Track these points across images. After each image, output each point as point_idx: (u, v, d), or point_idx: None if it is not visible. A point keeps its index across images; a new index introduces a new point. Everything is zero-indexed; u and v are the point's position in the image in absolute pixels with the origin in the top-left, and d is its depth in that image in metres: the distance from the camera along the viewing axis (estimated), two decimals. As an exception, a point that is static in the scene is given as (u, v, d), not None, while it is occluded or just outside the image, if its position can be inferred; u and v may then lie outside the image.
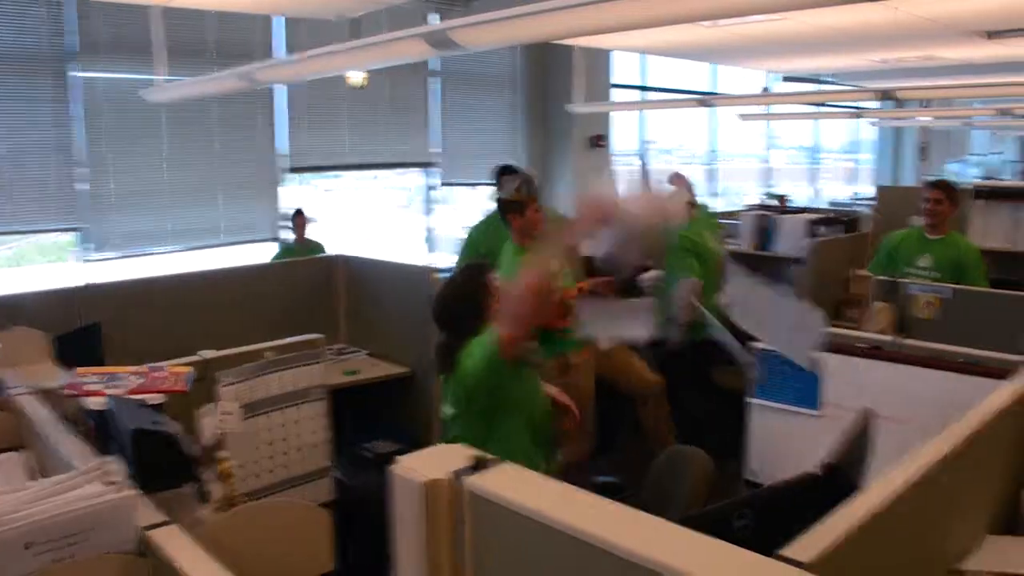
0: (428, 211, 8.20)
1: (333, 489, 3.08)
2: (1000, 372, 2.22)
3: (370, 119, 7.43)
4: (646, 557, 0.99)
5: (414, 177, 8.24)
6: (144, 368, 2.32)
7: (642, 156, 8.96)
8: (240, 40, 6.84)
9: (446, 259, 8.29)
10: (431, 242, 8.28)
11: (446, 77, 7.85)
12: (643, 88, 9.81)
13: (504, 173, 5.09)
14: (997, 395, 1.98)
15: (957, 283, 4.19)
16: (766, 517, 1.73)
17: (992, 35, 6.69)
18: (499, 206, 4.30)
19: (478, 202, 7.97)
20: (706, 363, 5.06)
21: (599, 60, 8.54)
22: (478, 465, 1.23)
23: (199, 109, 6.71)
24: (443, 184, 8.06)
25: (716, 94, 10.32)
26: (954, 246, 4.67)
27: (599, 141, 8.59)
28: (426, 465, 1.25)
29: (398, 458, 1.27)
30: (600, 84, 8.69)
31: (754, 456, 2.97)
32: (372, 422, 4.42)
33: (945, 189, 4.70)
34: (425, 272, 4.88)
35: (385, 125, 7.56)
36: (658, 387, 4.79)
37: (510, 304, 2.39)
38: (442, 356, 2.70)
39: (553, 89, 8.40)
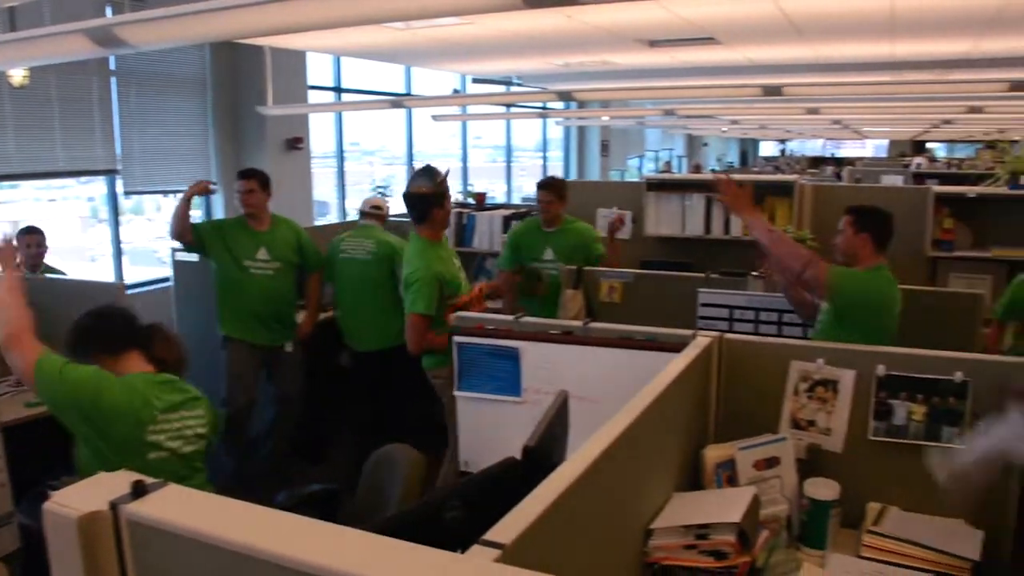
0: (116, 222, 7.55)
1: (17, 537, 2.76)
2: (676, 346, 2.44)
3: (39, 123, 6.70)
4: (315, 565, 0.98)
5: (100, 186, 7.57)
6: None
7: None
8: None
9: (140, 273, 7.73)
10: (122, 256, 7.64)
11: (126, 76, 7.27)
12: (339, 90, 9.74)
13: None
14: (672, 366, 2.18)
15: (585, 264, 4.56)
16: (475, 505, 1.78)
17: (654, 44, 7.36)
18: (422, 199, 4.08)
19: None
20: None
21: (294, 61, 8.37)
22: (137, 491, 1.14)
23: None
24: (127, 193, 7.44)
25: (410, 95, 10.48)
26: (569, 233, 5.07)
27: (297, 144, 8.41)
28: (82, 497, 1.14)
29: (53, 493, 1.15)
30: (297, 85, 8.52)
31: (465, 447, 3.05)
32: (62, 456, 4.01)
33: (551, 189, 5.10)
34: (113, 289, 4.56)
35: (60, 130, 6.86)
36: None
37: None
38: None
39: (246, 90, 8.08)
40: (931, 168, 12.27)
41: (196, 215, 6.79)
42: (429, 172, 4.10)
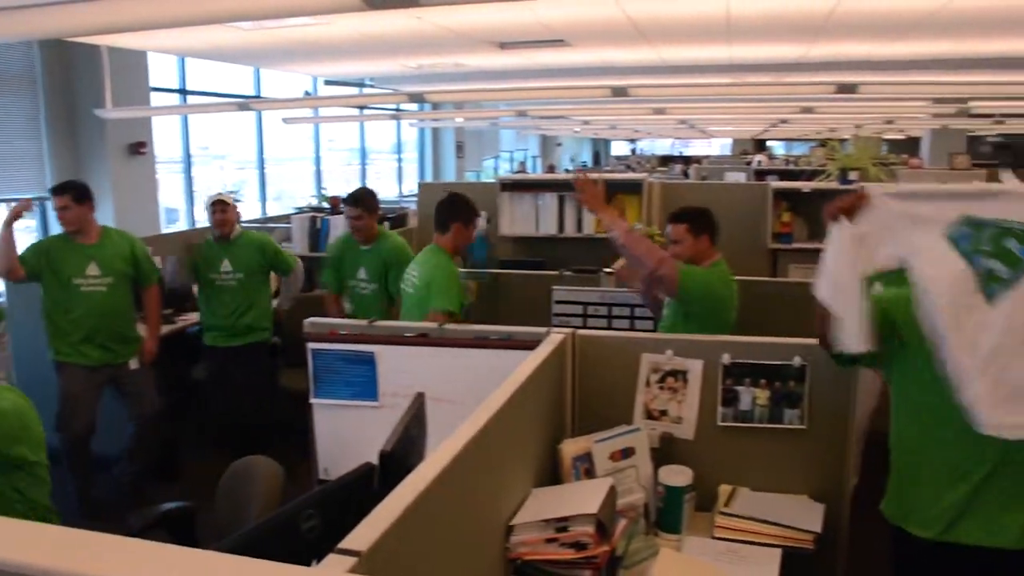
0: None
1: None
2: (531, 344, 2.47)
3: None
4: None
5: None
6: None
7: None
8: None
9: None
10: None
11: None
12: (184, 92, 9.37)
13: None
14: (526, 364, 2.20)
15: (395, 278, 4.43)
16: (332, 514, 1.74)
17: (505, 46, 7.42)
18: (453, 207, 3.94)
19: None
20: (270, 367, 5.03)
21: (134, 61, 7.95)
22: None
23: None
24: (-51, 202, 6.91)
25: (259, 98, 10.20)
26: (383, 250, 4.73)
27: (140, 148, 8.01)
28: None
29: None
30: (138, 87, 8.10)
31: (323, 455, 2.98)
32: None
33: (358, 204, 4.72)
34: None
35: None
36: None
37: None
38: None
39: (83, 92, 7.62)
40: (771, 165, 12.93)
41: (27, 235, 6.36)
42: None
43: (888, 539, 2.29)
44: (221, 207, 4.89)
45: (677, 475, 2.43)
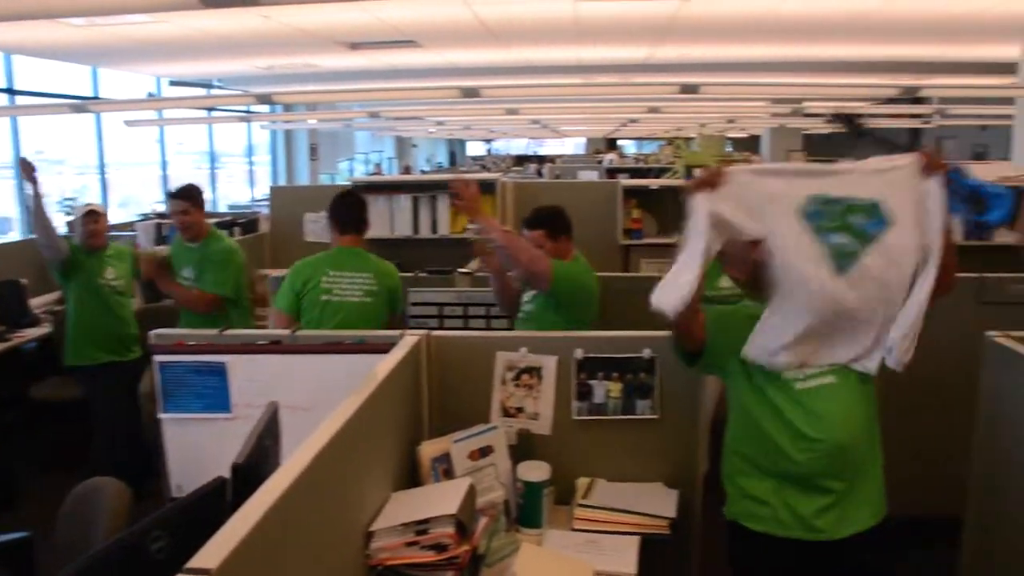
0: None
1: None
2: (385, 347, 2.45)
3: None
4: None
5: None
6: None
7: None
8: None
9: None
10: None
11: None
12: (11, 91, 8.79)
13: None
14: (381, 367, 2.19)
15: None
16: (183, 533, 1.67)
17: (355, 46, 7.35)
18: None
19: None
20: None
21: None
22: None
23: None
24: None
25: (97, 99, 9.69)
26: (212, 250, 4.46)
27: (-38, 154, 7.49)
28: None
29: None
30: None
31: (175, 471, 2.87)
32: None
33: (183, 197, 4.46)
34: None
35: None
36: None
37: None
38: None
39: None
40: (622, 163, 13.27)
41: None
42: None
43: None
44: (93, 217, 4.59)
45: (535, 470, 2.47)
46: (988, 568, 2.68)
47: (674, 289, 2.12)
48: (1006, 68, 7.11)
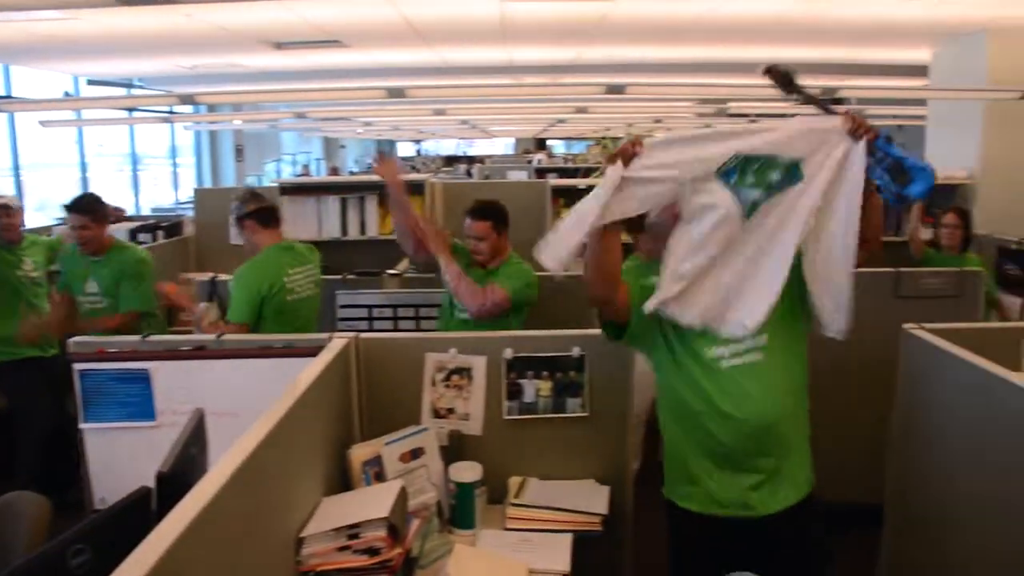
0: None
1: None
2: (313, 351, 2.43)
3: None
4: None
5: None
6: None
7: None
8: None
9: None
10: None
11: None
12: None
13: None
14: (309, 371, 2.16)
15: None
16: (105, 546, 1.63)
17: (280, 46, 7.24)
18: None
19: None
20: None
21: None
22: None
23: None
24: None
25: (9, 98, 9.36)
26: (116, 262, 4.20)
27: None
28: None
29: None
30: None
31: (98, 483, 2.79)
32: None
33: (79, 209, 4.15)
34: None
35: None
36: None
37: None
38: None
39: None
40: (551, 163, 13.33)
41: None
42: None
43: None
44: (6, 212, 4.43)
45: (467, 471, 2.47)
46: (908, 550, 2.78)
47: (558, 246, 2.14)
48: (919, 71, 7.37)
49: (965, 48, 6.15)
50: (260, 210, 3.74)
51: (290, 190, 5.37)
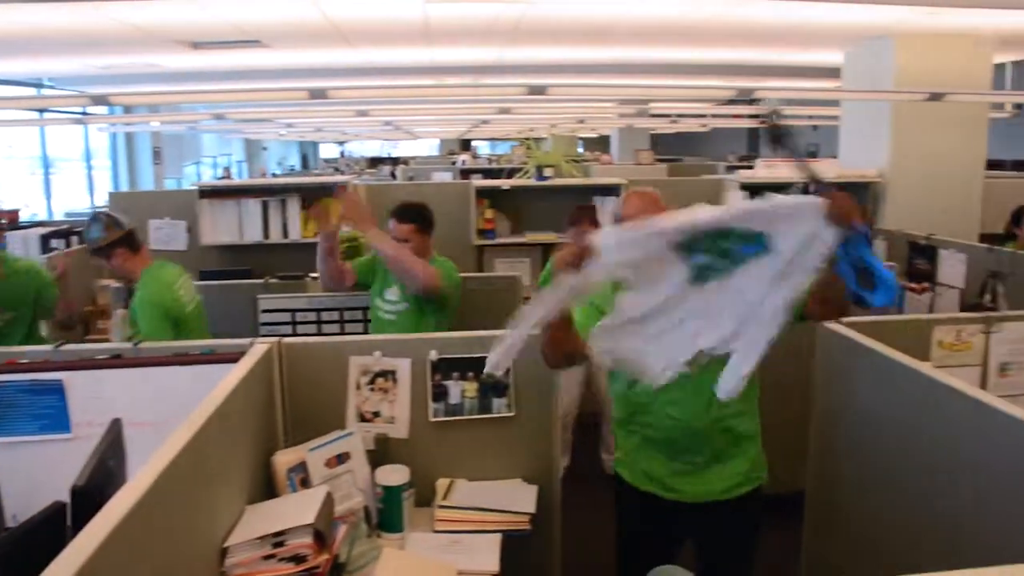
0: None
1: None
2: (235, 357, 2.39)
3: None
4: None
5: None
6: None
7: None
8: None
9: None
10: None
11: None
12: None
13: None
14: (230, 378, 2.12)
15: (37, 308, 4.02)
16: (17, 564, 1.58)
17: (197, 46, 7.09)
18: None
19: None
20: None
21: None
22: None
23: None
24: None
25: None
26: (17, 276, 4.04)
27: None
28: None
29: None
30: None
31: (10, 502, 2.69)
32: None
33: None
34: None
35: None
36: None
37: None
38: None
39: None
40: (475, 164, 13.34)
41: None
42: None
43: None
44: None
45: (394, 474, 2.46)
46: (827, 535, 2.87)
47: (499, 351, 2.06)
48: (833, 73, 7.59)
49: (874, 51, 6.36)
50: (129, 235, 3.58)
51: (210, 193, 5.26)
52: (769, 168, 6.53)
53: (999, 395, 2.61)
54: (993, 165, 7.84)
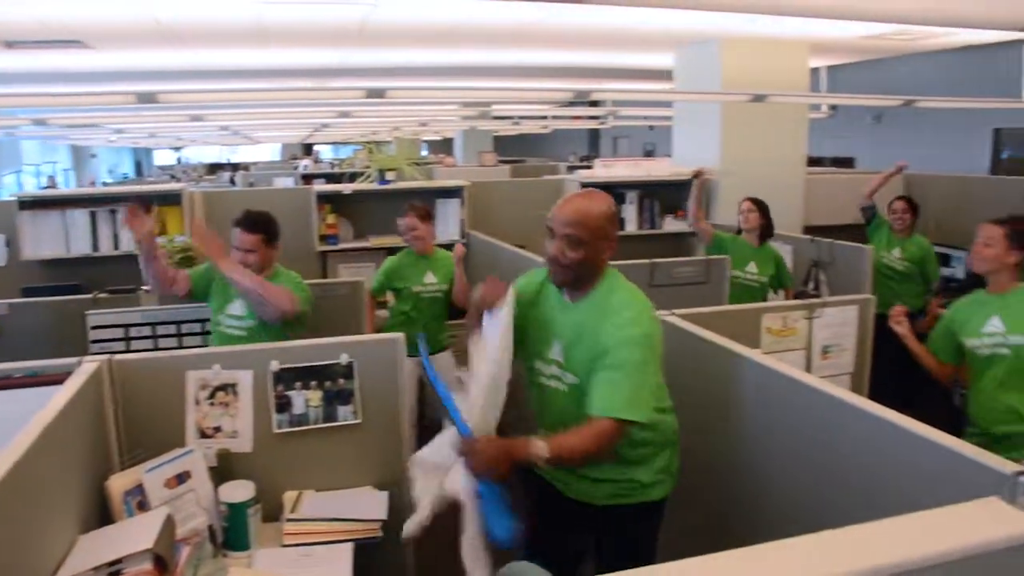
0: None
1: None
2: (61, 378, 2.26)
3: None
4: None
5: None
6: None
7: None
8: None
9: None
10: None
11: None
12: None
13: None
14: (55, 401, 2.01)
15: None
16: None
17: (11, 45, 6.66)
18: None
19: None
20: None
21: None
22: None
23: None
24: None
25: None
26: None
27: None
28: None
29: None
30: None
31: None
32: None
33: None
34: None
35: None
36: None
37: None
38: None
39: None
40: (317, 169, 13.09)
41: None
42: None
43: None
44: None
45: (238, 490, 2.40)
46: (684, 515, 2.98)
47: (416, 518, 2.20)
48: (666, 75, 7.90)
49: (701, 55, 6.66)
50: None
51: (31, 204, 4.94)
52: (607, 168, 6.78)
53: (822, 375, 2.81)
54: (813, 162, 8.36)
